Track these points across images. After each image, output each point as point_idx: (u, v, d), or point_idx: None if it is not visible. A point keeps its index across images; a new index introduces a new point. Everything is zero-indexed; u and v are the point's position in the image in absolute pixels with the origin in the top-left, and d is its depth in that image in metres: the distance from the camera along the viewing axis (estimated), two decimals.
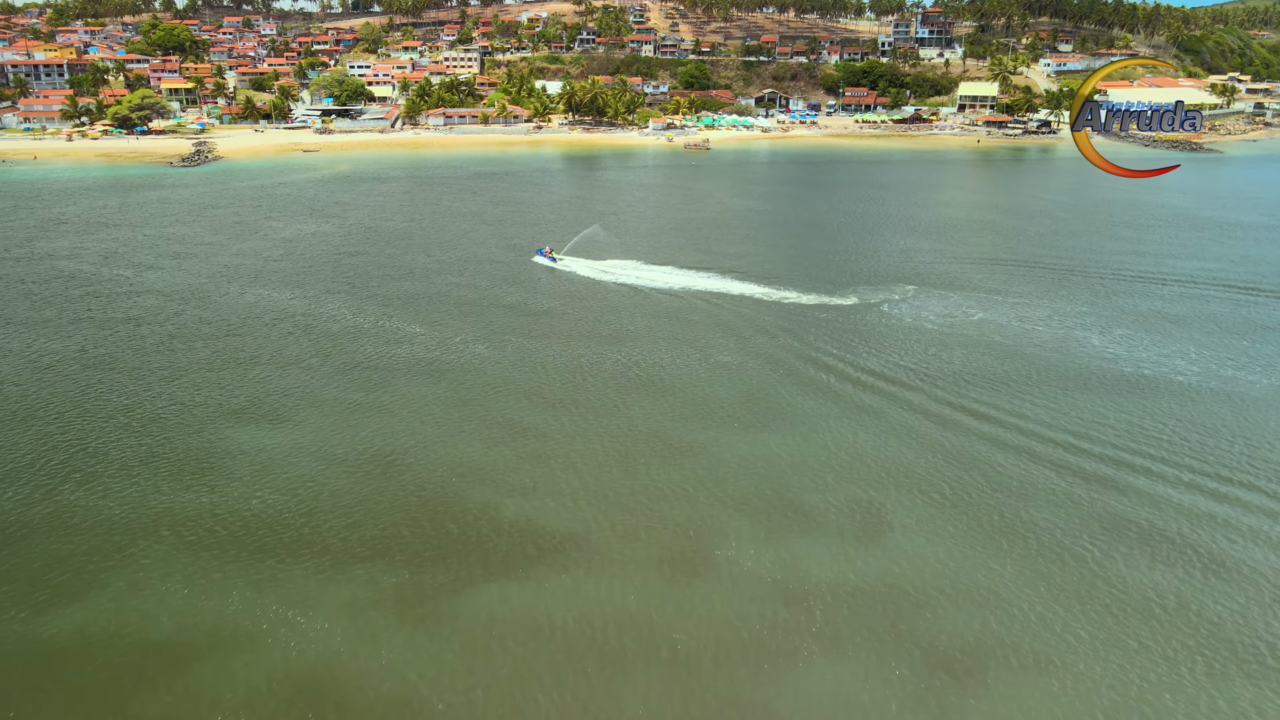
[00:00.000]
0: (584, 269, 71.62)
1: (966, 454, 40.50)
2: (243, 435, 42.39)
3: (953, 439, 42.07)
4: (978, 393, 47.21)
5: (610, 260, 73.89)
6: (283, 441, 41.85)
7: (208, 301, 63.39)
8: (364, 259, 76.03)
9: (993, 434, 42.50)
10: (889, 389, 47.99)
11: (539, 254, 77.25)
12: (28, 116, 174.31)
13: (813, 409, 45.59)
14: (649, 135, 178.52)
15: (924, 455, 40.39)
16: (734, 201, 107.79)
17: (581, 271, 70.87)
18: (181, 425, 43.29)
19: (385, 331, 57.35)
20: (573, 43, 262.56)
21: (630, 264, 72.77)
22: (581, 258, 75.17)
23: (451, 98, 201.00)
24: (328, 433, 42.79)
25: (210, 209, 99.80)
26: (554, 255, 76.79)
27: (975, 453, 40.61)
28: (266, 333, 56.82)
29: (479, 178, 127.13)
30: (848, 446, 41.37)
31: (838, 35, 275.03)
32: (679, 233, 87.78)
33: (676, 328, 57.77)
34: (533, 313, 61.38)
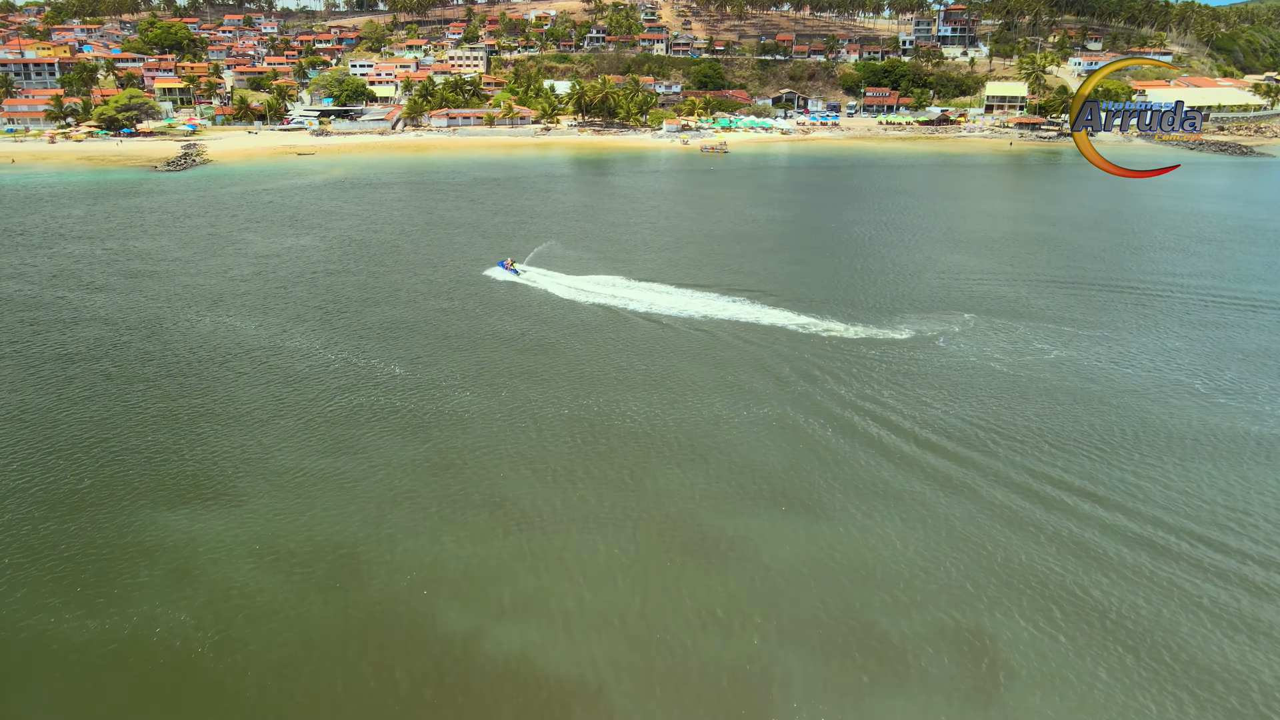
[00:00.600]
0: (594, 291, 62.85)
1: (1076, 549, 31.67)
2: (165, 524, 33.76)
3: (1053, 525, 33.24)
4: (1075, 460, 38.29)
5: (623, 282, 65.15)
6: (212, 532, 33.22)
7: (157, 332, 54.91)
8: (344, 279, 67.48)
9: (1104, 520, 33.60)
10: (963, 453, 39.15)
11: (499, 266, 69.32)
12: (12, 117, 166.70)
13: (873, 482, 36.76)
14: (662, 137, 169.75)
15: (1021, 552, 31.57)
16: (756, 211, 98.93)
17: (590, 296, 62.11)
18: (87, 510, 34.68)
19: (358, 372, 48.74)
20: (582, 41, 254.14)
21: (645, 286, 64.00)
22: (592, 274, 66.63)
23: (456, 98, 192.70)
24: (270, 518, 34.16)
25: (184, 219, 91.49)
26: (515, 267, 69.00)
27: (1088, 547, 31.76)
28: (217, 374, 48.23)
29: (481, 184, 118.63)
30: (923, 540, 32.55)
31: (856, 34, 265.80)
32: (698, 248, 78.98)
33: (701, 368, 48.98)
34: (532, 347, 52.68)
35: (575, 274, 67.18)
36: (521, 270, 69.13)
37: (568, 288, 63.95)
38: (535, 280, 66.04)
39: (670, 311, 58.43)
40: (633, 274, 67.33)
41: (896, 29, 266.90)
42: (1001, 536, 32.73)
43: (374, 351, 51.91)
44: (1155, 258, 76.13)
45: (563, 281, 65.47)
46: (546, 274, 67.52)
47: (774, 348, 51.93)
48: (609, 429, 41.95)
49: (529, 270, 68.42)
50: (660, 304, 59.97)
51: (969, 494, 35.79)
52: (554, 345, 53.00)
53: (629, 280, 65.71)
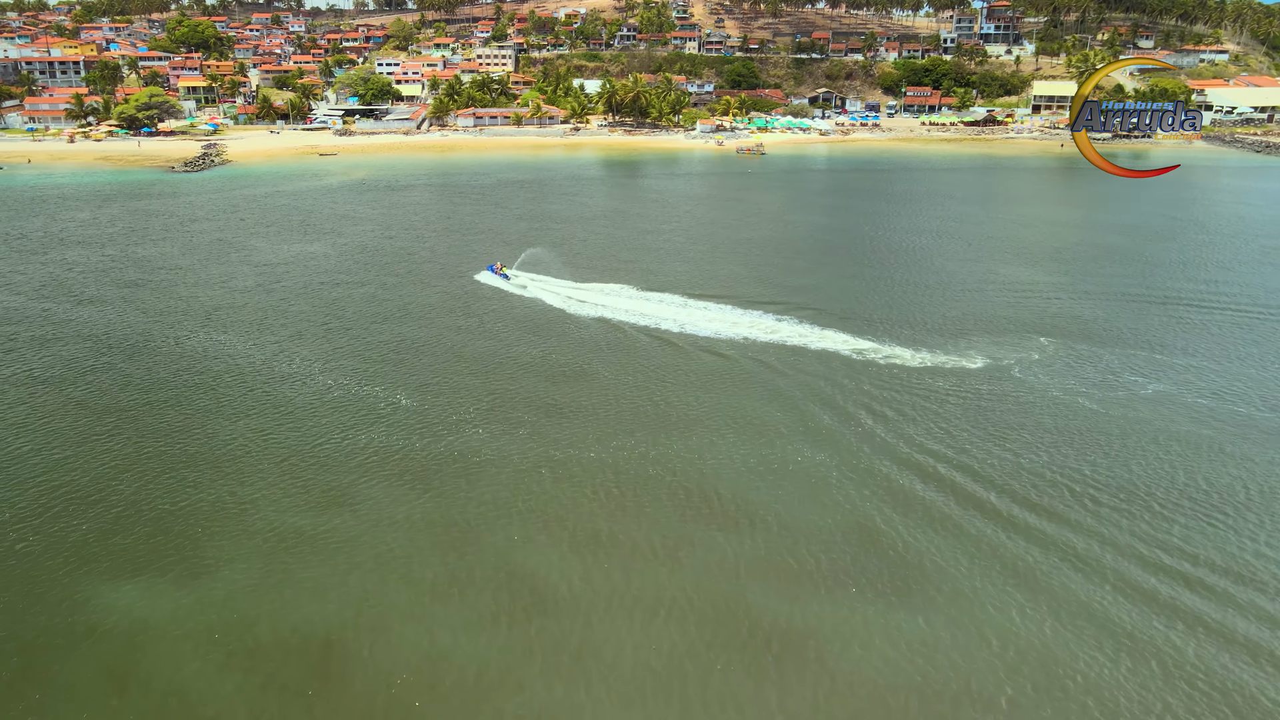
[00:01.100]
0: (623, 308, 56.81)
1: (1240, 650, 25.20)
2: (110, 601, 28.30)
3: (1198, 614, 26.75)
4: (1207, 531, 31.71)
5: (655, 296, 59.12)
6: (165, 613, 27.70)
7: (141, 352, 49.70)
8: (351, 291, 62.03)
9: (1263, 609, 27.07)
10: (1066, 515, 32.82)
11: (489, 270, 65.48)
12: (33, 116, 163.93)
13: (959, 555, 30.47)
14: (696, 138, 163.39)
15: (1173, 683, 25.11)
16: (798, 217, 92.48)
17: (619, 313, 56.07)
18: (18, 581, 29.23)
19: (357, 402, 43.14)
20: (612, 40, 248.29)
21: (679, 301, 57.93)
22: (622, 286, 60.81)
23: (483, 97, 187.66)
24: (238, 595, 28.58)
25: (192, 223, 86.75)
26: (505, 272, 64.88)
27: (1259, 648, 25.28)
28: (200, 405, 42.82)
29: (506, 186, 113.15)
30: (1032, 641, 26.25)
31: (894, 31, 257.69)
32: (737, 258, 72.74)
33: (746, 403, 42.82)
34: (554, 374, 46.80)
35: (603, 287, 61.27)
36: (512, 275, 64.57)
37: (594, 304, 57.95)
38: (559, 292, 60.16)
39: (707, 332, 52.30)
40: (665, 287, 61.30)
41: (936, 27, 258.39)
42: (1132, 626, 26.38)
43: (378, 376, 46.32)
44: (1248, 272, 68.77)
45: (588, 296, 59.52)
46: (574, 286, 61.67)
47: (829, 376, 45.64)
48: (639, 478, 35.97)
49: (547, 280, 62.73)
50: (696, 322, 53.86)
51: (1078, 572, 29.41)
52: (579, 371, 47.08)
53: (662, 294, 59.70)
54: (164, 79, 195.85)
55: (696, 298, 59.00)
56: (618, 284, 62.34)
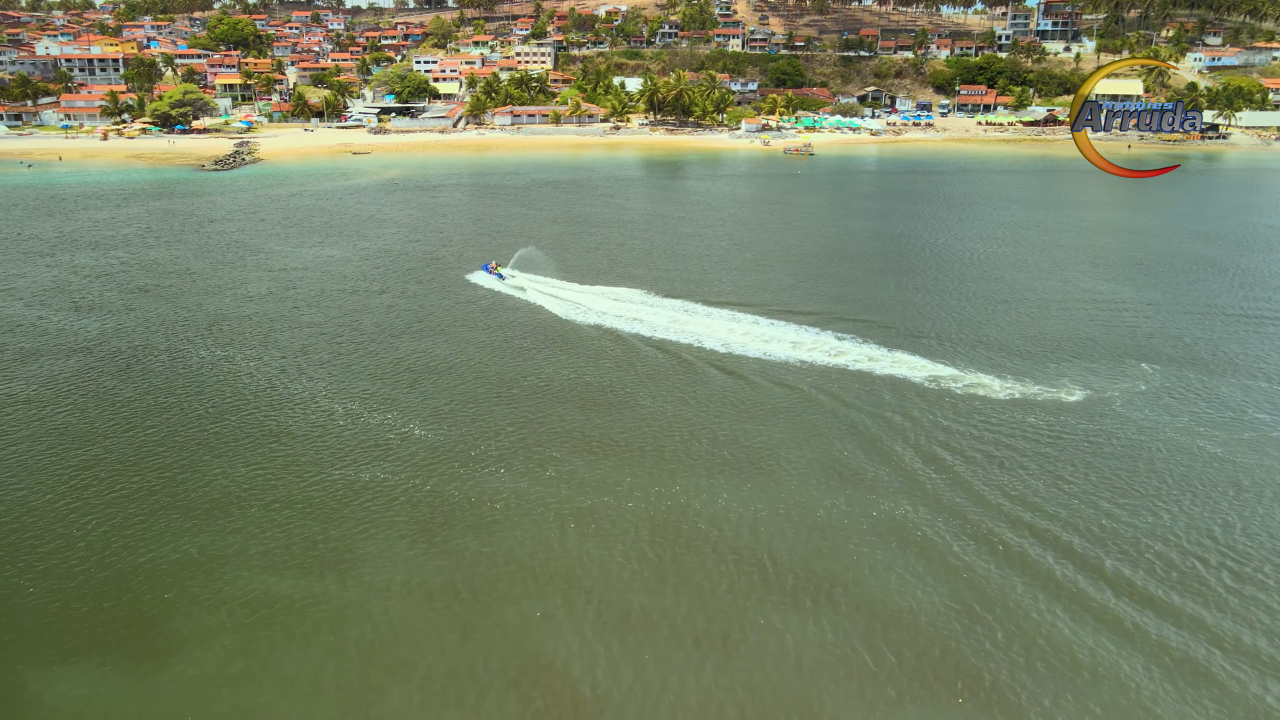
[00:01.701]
0: (663, 324, 51.12)
1: None
2: (39, 698, 23.31)
3: None
4: None
5: (700, 310, 53.40)
6: (106, 710, 22.64)
7: (134, 369, 45.09)
8: (369, 300, 57.09)
9: None
10: (1217, 599, 26.52)
11: (484, 270, 63.02)
12: (69, 113, 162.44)
13: (1084, 661, 24.42)
14: (741, 138, 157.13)
15: None
16: (852, 223, 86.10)
17: (659, 329, 50.39)
18: None
19: (365, 431, 38.03)
20: (653, 37, 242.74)
21: (725, 316, 52.15)
22: (662, 297, 55.16)
23: (521, 94, 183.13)
24: (199, 690, 23.45)
25: (211, 224, 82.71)
26: (500, 271, 62.09)
27: None
28: (189, 435, 37.94)
29: (543, 187, 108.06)
30: None
31: (945, 28, 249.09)
32: (788, 267, 66.74)
33: (807, 441, 36.97)
34: (588, 400, 41.29)
35: (642, 297, 55.71)
36: (508, 275, 61.27)
37: (631, 318, 52.34)
38: (593, 305, 54.64)
39: (758, 352, 46.47)
40: (711, 298, 55.62)
41: (989, 23, 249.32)
42: None
43: (390, 400, 41.19)
44: None
45: (624, 308, 53.96)
46: (609, 297, 56.19)
47: (903, 409, 39.60)
48: (681, 536, 30.34)
49: (581, 289, 57.31)
50: (746, 341, 48.04)
51: (1242, 688, 23.24)
52: (615, 398, 41.51)
53: (707, 307, 54.02)
54: (201, 76, 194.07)
55: (745, 311, 53.22)
56: (658, 295, 56.79)
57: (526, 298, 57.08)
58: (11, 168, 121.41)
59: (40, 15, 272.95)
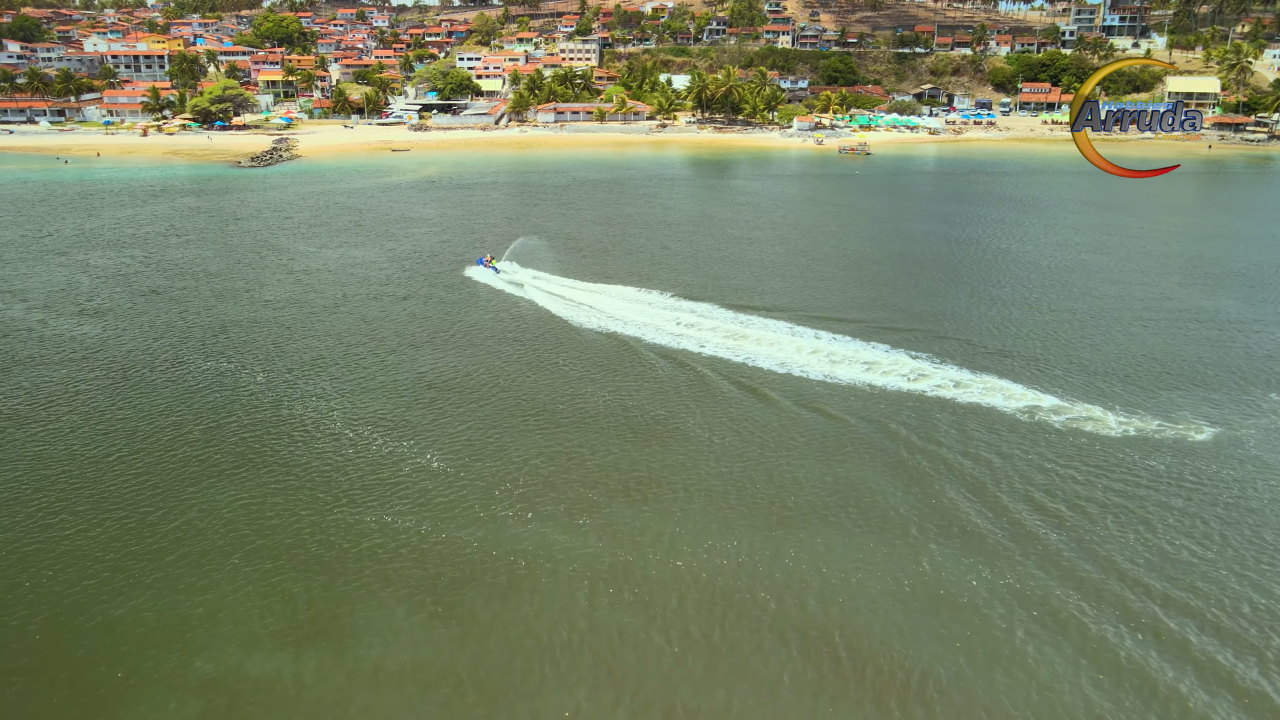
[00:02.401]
0: (721, 339, 45.68)
1: None
2: None
3: None
4: None
5: (756, 323, 47.85)
6: None
7: (129, 380, 40.83)
8: (393, 306, 52.43)
9: None
10: None
11: (479, 264, 60.84)
12: (112, 109, 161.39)
13: None
14: (793, 136, 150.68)
15: None
16: (916, 226, 79.76)
17: (708, 345, 44.95)
18: None
19: (376, 463, 33.23)
20: (700, 34, 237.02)
21: (785, 330, 46.52)
22: (710, 306, 49.68)
23: (565, 91, 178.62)
24: None
25: (238, 222, 79.06)
26: (495, 265, 59.91)
27: None
28: (175, 459, 33.42)
29: (584, 186, 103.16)
30: None
31: (1005, 24, 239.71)
32: (851, 276, 60.93)
33: (885, 487, 31.35)
34: (631, 431, 36.04)
35: (691, 308, 50.31)
36: (501, 269, 59.21)
37: (676, 334, 46.87)
38: (634, 317, 49.34)
39: (820, 374, 40.88)
40: (765, 309, 50.08)
41: (1048, 19, 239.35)
42: None
43: (407, 425, 36.33)
44: None
45: (667, 322, 48.50)
46: (652, 305, 50.94)
47: (998, 447, 33.73)
48: (738, 609, 25.03)
49: (622, 299, 52.08)
50: (807, 360, 42.41)
51: None
52: (662, 429, 36.19)
53: (761, 318, 48.54)
54: (244, 73, 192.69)
55: (805, 323, 47.59)
56: (706, 304, 51.39)
57: (560, 308, 51.91)
58: (48, 163, 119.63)
59: (92, 13, 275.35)
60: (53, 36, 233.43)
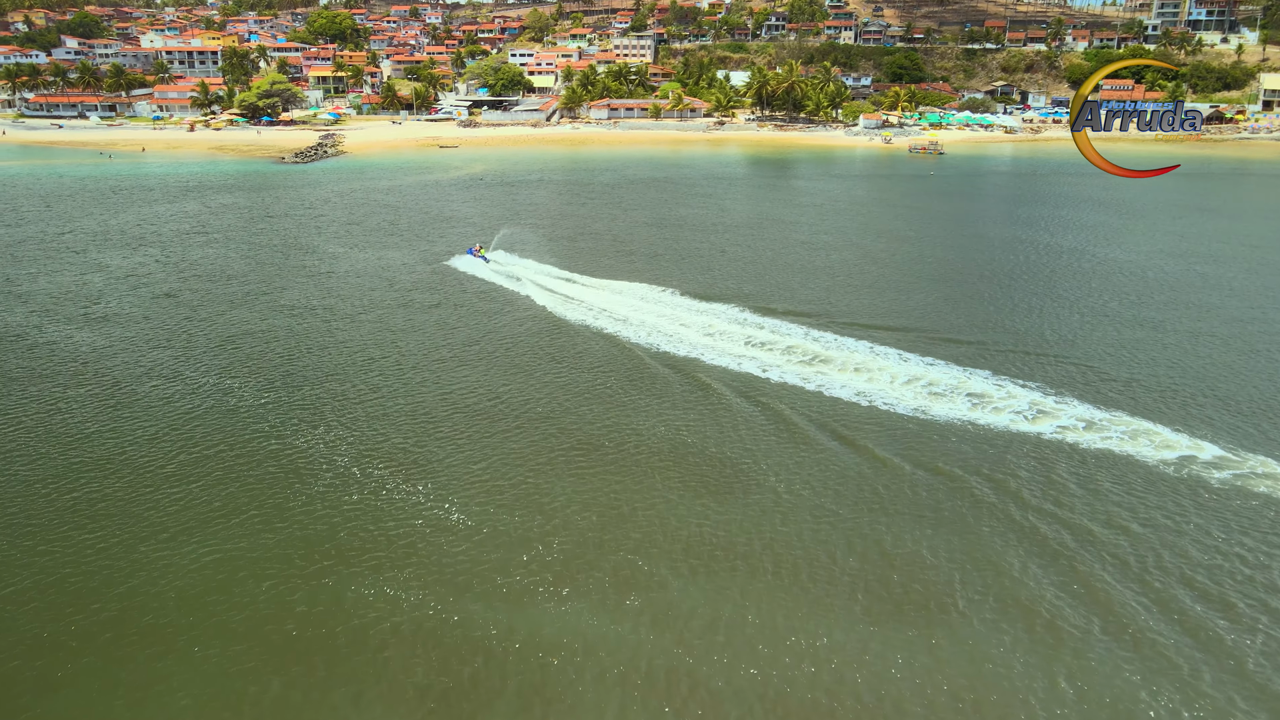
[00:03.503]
0: (793, 361, 39.25)
1: None
2: None
3: None
4: None
5: (831, 341, 41.27)
6: None
7: (115, 399, 35.72)
8: (420, 315, 46.86)
9: None
10: None
11: (469, 253, 58.67)
12: (162, 104, 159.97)
13: None
14: (858, 135, 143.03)
15: None
16: (1004, 231, 72.15)
17: (784, 371, 38.52)
18: None
19: (384, 511, 27.51)
20: (759, 30, 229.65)
21: (865, 351, 39.90)
22: (783, 321, 43.07)
23: (619, 87, 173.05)
24: None
25: (269, 220, 74.60)
26: (484, 254, 57.85)
27: None
28: (144, 506, 28.05)
29: (637, 185, 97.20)
30: None
31: (1081, 19, 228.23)
32: (938, 287, 53.91)
33: (1019, 568, 24.64)
34: (694, 477, 29.82)
35: (758, 322, 43.90)
36: (491, 259, 57.19)
37: (737, 353, 40.45)
38: (686, 335, 43.04)
39: (909, 408, 34.21)
40: (839, 327, 43.47)
41: (1125, 15, 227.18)
42: None
43: (425, 461, 30.59)
44: None
45: (729, 337, 42.17)
46: (712, 320, 44.62)
47: (1146, 515, 26.75)
48: None
49: (681, 310, 45.79)
50: (896, 393, 35.71)
51: None
52: (726, 478, 29.87)
53: (837, 337, 41.94)
54: (296, 69, 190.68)
55: (888, 342, 40.98)
56: (771, 318, 44.98)
57: (607, 322, 45.75)
58: (91, 158, 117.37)
59: (152, 11, 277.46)
60: (111, 33, 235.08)
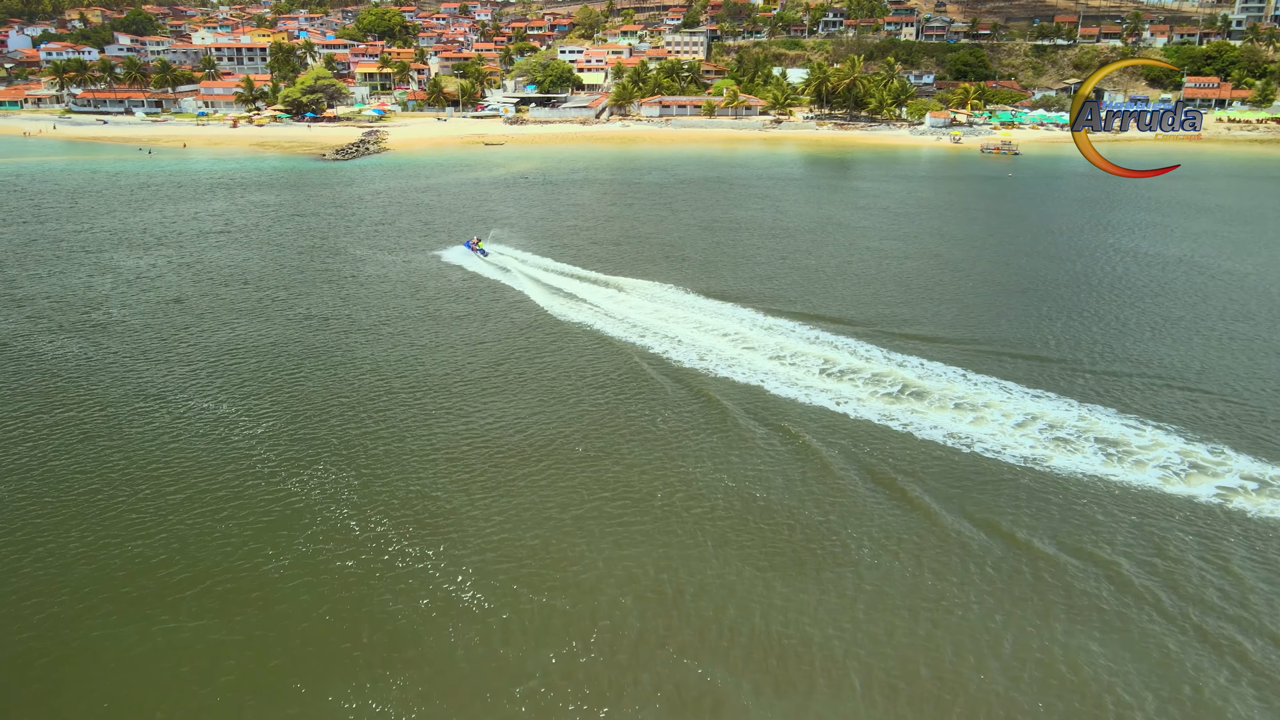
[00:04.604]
0: (884, 393, 33.17)
1: None
2: None
3: None
4: None
5: (917, 365, 35.06)
6: None
7: (85, 428, 30.91)
8: (449, 331, 41.51)
9: None
10: None
11: (466, 246, 56.44)
12: (207, 100, 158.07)
13: None
14: (925, 134, 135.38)
15: None
16: (1097, 239, 64.81)
17: (859, 404, 32.46)
18: None
19: (380, 590, 22.17)
20: (815, 26, 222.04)
21: (963, 381, 33.65)
22: (861, 342, 36.93)
23: (671, 84, 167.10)
24: None
25: (299, 219, 70.19)
26: (481, 247, 55.56)
27: None
28: (66, 598, 23.05)
29: (690, 184, 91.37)
30: None
31: (1159, 14, 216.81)
32: (1030, 304, 47.21)
33: (1185, 690, 18.36)
34: (767, 545, 24.11)
35: (829, 339, 37.80)
36: (487, 252, 55.08)
37: (806, 384, 34.43)
38: (750, 362, 37.09)
39: (1031, 458, 27.94)
40: (924, 346, 37.17)
41: (1206, 10, 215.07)
42: None
43: (440, 515, 25.20)
44: None
45: (797, 362, 36.14)
46: (782, 335, 38.60)
47: None
48: None
49: (741, 324, 39.83)
50: (1006, 435, 29.46)
51: None
52: (808, 548, 23.99)
53: (922, 361, 35.71)
54: (343, 65, 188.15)
55: (985, 369, 34.62)
56: (844, 337, 38.92)
57: (656, 343, 39.92)
58: (130, 154, 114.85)
59: (206, 9, 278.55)
60: (165, 31, 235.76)
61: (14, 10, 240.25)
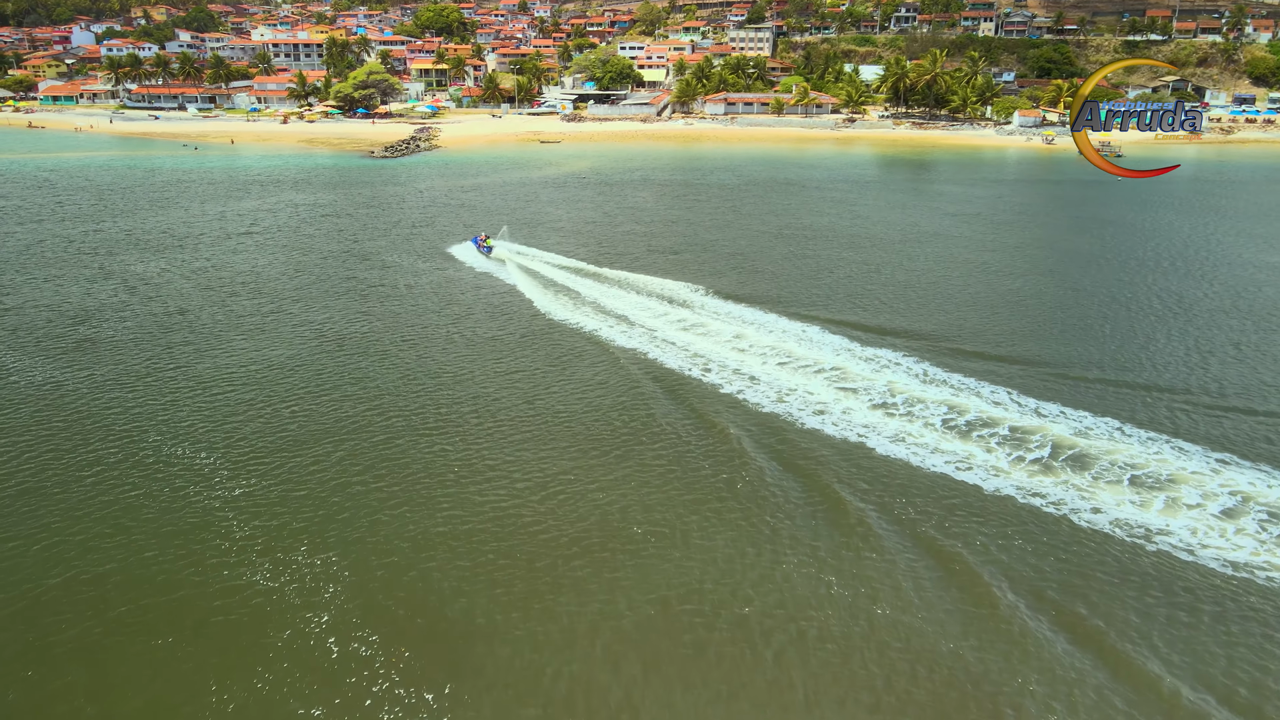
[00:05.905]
0: (1027, 450, 25.67)
1: None
2: None
3: None
4: None
5: (1055, 412, 27.35)
6: None
7: (36, 470, 24.94)
8: (480, 361, 34.83)
9: None
10: None
11: (473, 242, 52.76)
12: (261, 95, 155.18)
13: None
14: (1012, 134, 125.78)
15: None
16: (1255, 255, 55.79)
17: (1006, 477, 24.91)
18: None
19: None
20: (887, 21, 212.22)
21: (1130, 441, 25.92)
22: (984, 382, 29.30)
23: (736, 80, 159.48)
24: None
25: (332, 219, 64.65)
26: (489, 243, 51.39)
27: None
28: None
29: (758, 186, 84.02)
30: None
31: (1263, 8, 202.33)
32: (1175, 331, 38.95)
33: None
34: (886, 659, 16.68)
35: (943, 379, 30.18)
36: (494, 249, 50.94)
37: (914, 440, 26.96)
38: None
39: (1181, 540, 20.13)
40: (1056, 385, 29.41)
41: None
42: None
43: (448, 623, 18.39)
44: None
45: (912, 420, 28.59)
46: (887, 370, 31.12)
47: None
48: None
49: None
50: (1228, 539, 21.65)
51: None
52: (916, 656, 16.65)
53: (1061, 409, 28.01)
54: (399, 62, 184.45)
55: (1153, 426, 26.78)
56: (958, 374, 31.33)
57: (718, 377, 32.61)
58: (175, 150, 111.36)
59: (269, 7, 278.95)
60: (227, 28, 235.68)
61: (81, 8, 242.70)
